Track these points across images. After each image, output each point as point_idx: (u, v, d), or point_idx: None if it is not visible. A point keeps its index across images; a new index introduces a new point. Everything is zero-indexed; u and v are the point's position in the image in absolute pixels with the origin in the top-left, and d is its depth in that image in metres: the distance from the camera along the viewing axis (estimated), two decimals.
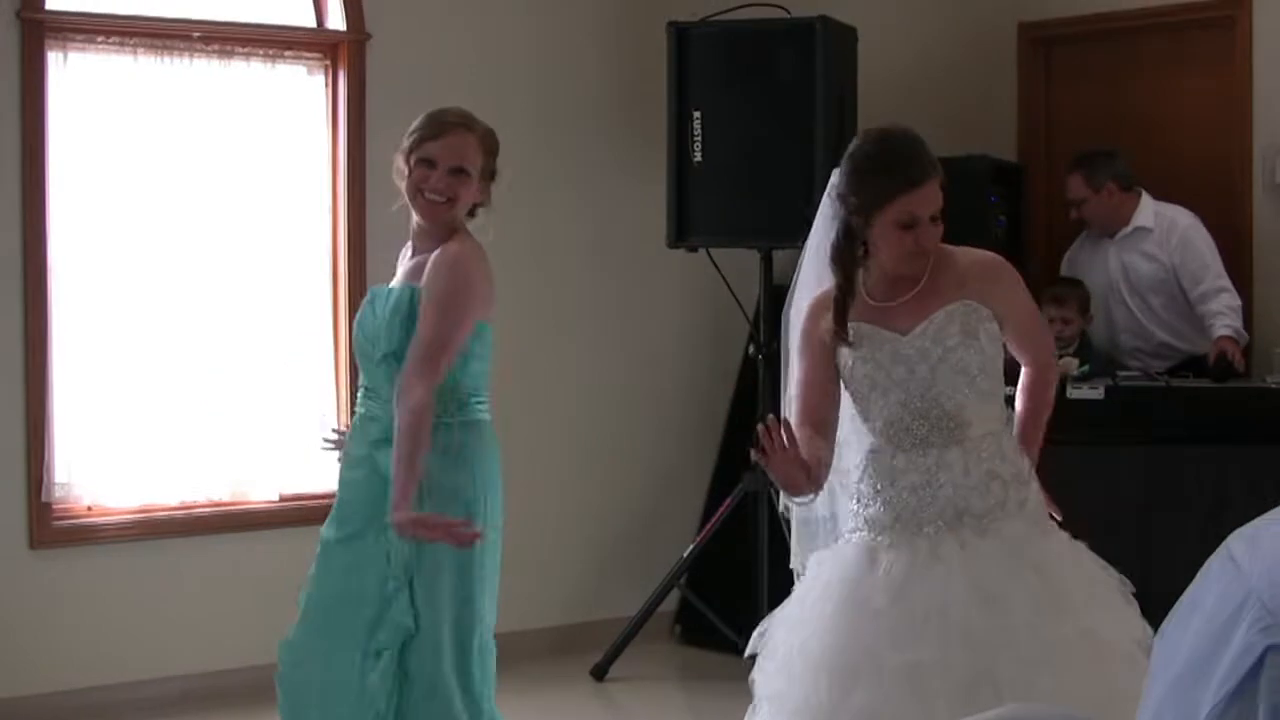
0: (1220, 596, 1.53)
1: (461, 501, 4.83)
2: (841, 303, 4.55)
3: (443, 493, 4.80)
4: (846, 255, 4.57)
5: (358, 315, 5.10)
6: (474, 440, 4.91)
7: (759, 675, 4.61)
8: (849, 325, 4.53)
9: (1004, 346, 4.61)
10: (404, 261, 5.08)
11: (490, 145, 5.01)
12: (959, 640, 4.29)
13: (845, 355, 4.56)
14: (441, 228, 4.93)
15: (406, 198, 4.97)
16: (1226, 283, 7.73)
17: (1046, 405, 4.81)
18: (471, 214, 5.03)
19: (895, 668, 4.31)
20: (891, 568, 4.44)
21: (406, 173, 4.95)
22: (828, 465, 4.54)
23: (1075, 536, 4.59)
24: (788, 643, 4.53)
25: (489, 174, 5.02)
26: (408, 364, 4.74)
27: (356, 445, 5.00)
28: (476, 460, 4.90)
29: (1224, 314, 7.65)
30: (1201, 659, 1.51)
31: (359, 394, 5.07)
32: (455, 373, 4.83)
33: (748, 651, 4.68)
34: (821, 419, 4.57)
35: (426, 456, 4.68)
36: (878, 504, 4.53)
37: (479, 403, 4.94)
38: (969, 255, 4.67)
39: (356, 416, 5.08)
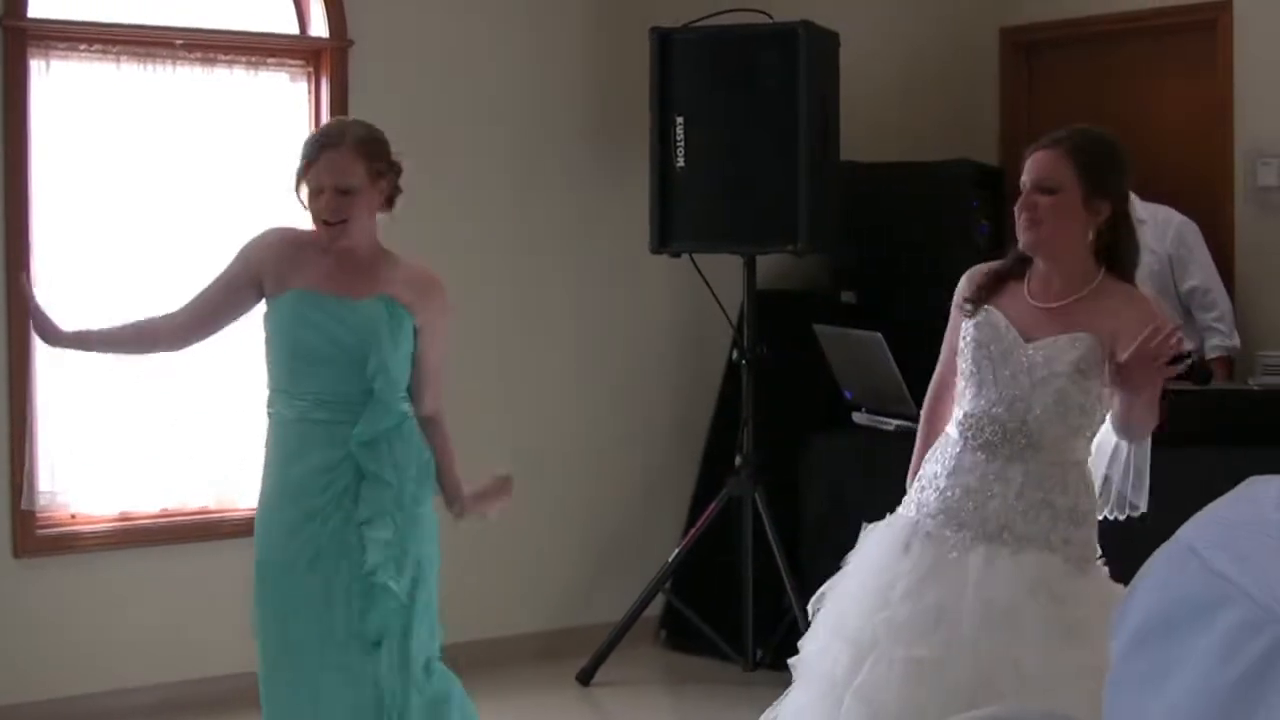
0: (1207, 608, 1.53)
1: (425, 490, 4.99)
2: (1009, 265, 4.60)
3: (423, 466, 4.96)
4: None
5: (296, 319, 5.10)
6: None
7: (804, 641, 4.72)
8: (987, 306, 4.56)
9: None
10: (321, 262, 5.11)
11: (369, 149, 4.94)
12: (962, 649, 4.30)
13: (966, 330, 4.58)
14: (357, 245, 4.96)
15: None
16: (1218, 284, 7.77)
17: (1148, 429, 4.61)
18: (388, 207, 5.02)
19: (897, 658, 4.34)
20: (920, 560, 4.45)
21: (306, 203, 4.95)
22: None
23: None
24: (825, 612, 4.60)
25: (381, 173, 4.96)
26: (435, 389, 5.09)
27: (319, 453, 5.05)
28: (426, 451, 4.99)
29: (1219, 329, 7.71)
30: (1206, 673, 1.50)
31: (305, 400, 5.09)
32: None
33: (811, 606, 4.75)
34: (953, 379, 4.67)
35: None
36: (932, 489, 4.55)
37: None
38: (1129, 297, 4.54)
39: (304, 423, 5.11)
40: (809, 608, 4.76)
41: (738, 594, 7.91)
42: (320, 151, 4.89)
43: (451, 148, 7.91)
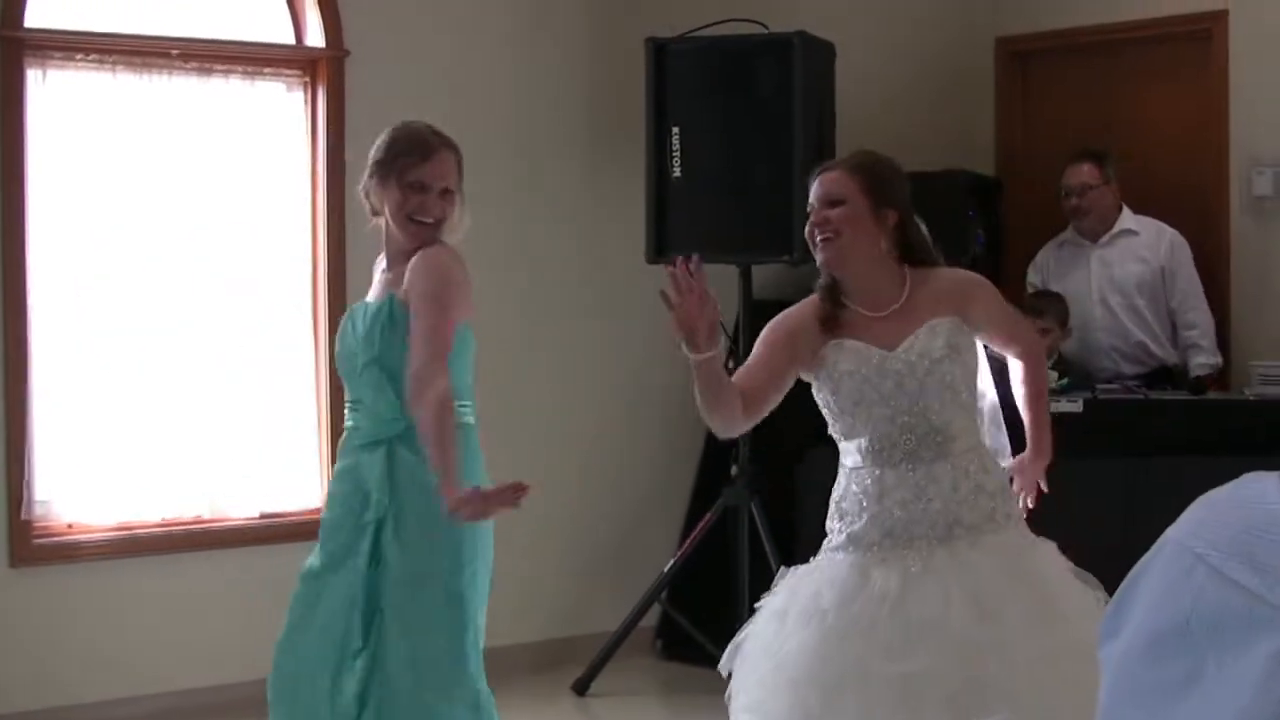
0: (1241, 628, 1.51)
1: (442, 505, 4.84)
2: (829, 291, 4.71)
3: (426, 488, 4.79)
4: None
5: (339, 333, 5.11)
6: (459, 444, 4.91)
7: (735, 688, 4.62)
8: (836, 340, 4.61)
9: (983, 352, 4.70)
10: (379, 274, 5.09)
11: (461, 158, 5.05)
12: (953, 651, 4.31)
13: (830, 370, 4.59)
14: (425, 245, 4.96)
15: (389, 217, 4.97)
16: (1203, 302, 7.81)
17: (1045, 385, 4.94)
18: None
19: (886, 678, 4.33)
20: (887, 583, 4.45)
21: (388, 193, 4.93)
22: (733, 415, 4.65)
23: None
24: (766, 657, 4.54)
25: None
26: (414, 362, 4.74)
27: (343, 457, 5.02)
28: (461, 464, 4.90)
29: (1201, 346, 7.75)
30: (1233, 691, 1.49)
31: (346, 410, 5.07)
32: None
33: (722, 666, 4.69)
34: (753, 393, 4.63)
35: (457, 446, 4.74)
36: (863, 520, 4.55)
37: (463, 405, 4.93)
38: (943, 274, 4.76)
39: (344, 432, 5.09)
40: (724, 662, 4.72)
41: (734, 604, 7.90)
42: (434, 151, 4.96)
43: None
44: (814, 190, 4.71)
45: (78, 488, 7.29)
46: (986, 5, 8.91)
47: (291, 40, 7.82)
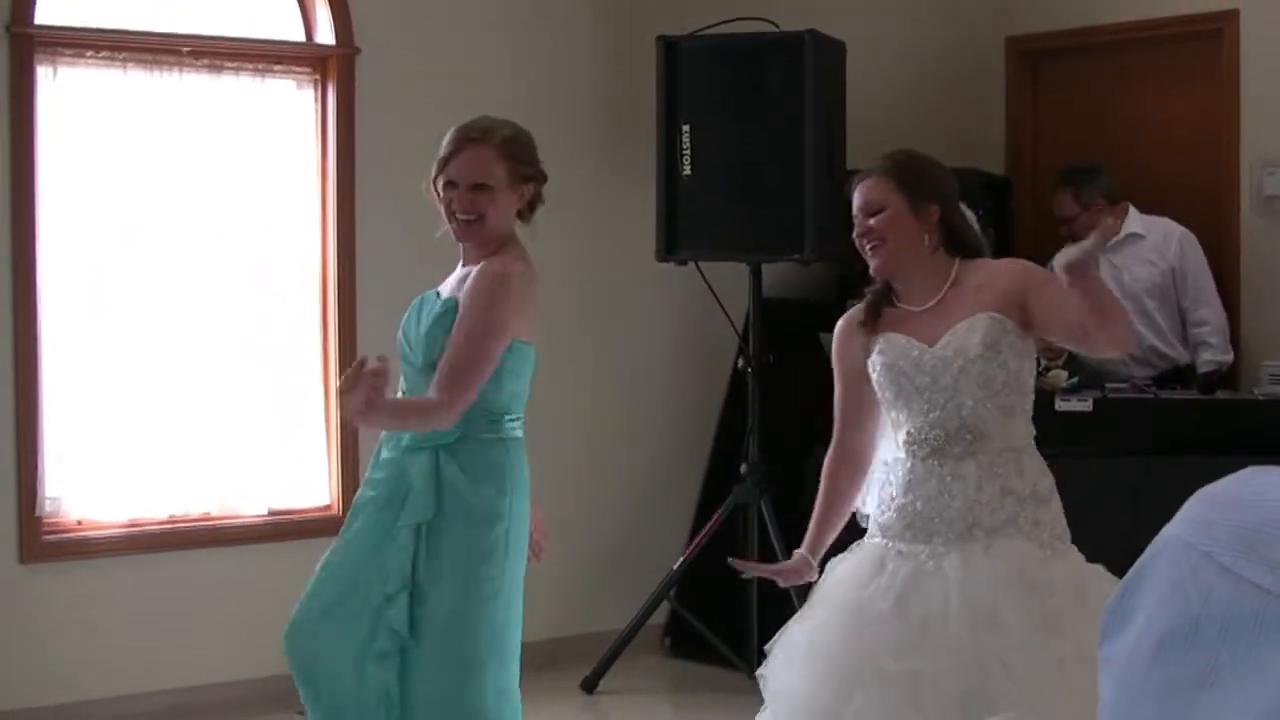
0: (1266, 628, 1.51)
1: (487, 517, 4.82)
2: (874, 297, 4.71)
3: (470, 509, 4.79)
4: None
5: (403, 318, 5.03)
6: (504, 457, 4.88)
7: (769, 672, 4.65)
8: (878, 335, 4.64)
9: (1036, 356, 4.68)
10: (458, 269, 5.02)
11: (513, 150, 4.91)
12: (956, 654, 4.31)
13: (873, 363, 4.64)
14: (486, 243, 4.89)
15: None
16: (1215, 299, 7.79)
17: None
18: (524, 218, 5.01)
19: (895, 675, 4.34)
20: (896, 576, 4.47)
21: (437, 196, 4.92)
22: (856, 486, 4.77)
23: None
24: (797, 644, 4.58)
25: (525, 177, 4.95)
26: (439, 378, 4.67)
27: (387, 448, 4.94)
28: (506, 477, 4.87)
29: (1210, 344, 7.73)
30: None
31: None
32: (489, 388, 4.77)
33: (769, 646, 4.73)
34: (854, 441, 4.78)
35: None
36: (892, 510, 4.58)
37: (512, 420, 4.91)
38: (989, 264, 4.74)
39: None
40: (770, 645, 4.76)
41: (743, 602, 7.90)
42: (462, 147, 4.88)
43: None
44: (854, 200, 4.71)
45: (88, 484, 7.30)
46: (997, 4, 8.89)
47: (302, 38, 7.83)
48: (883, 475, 4.70)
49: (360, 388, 4.36)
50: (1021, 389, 4.60)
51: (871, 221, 4.63)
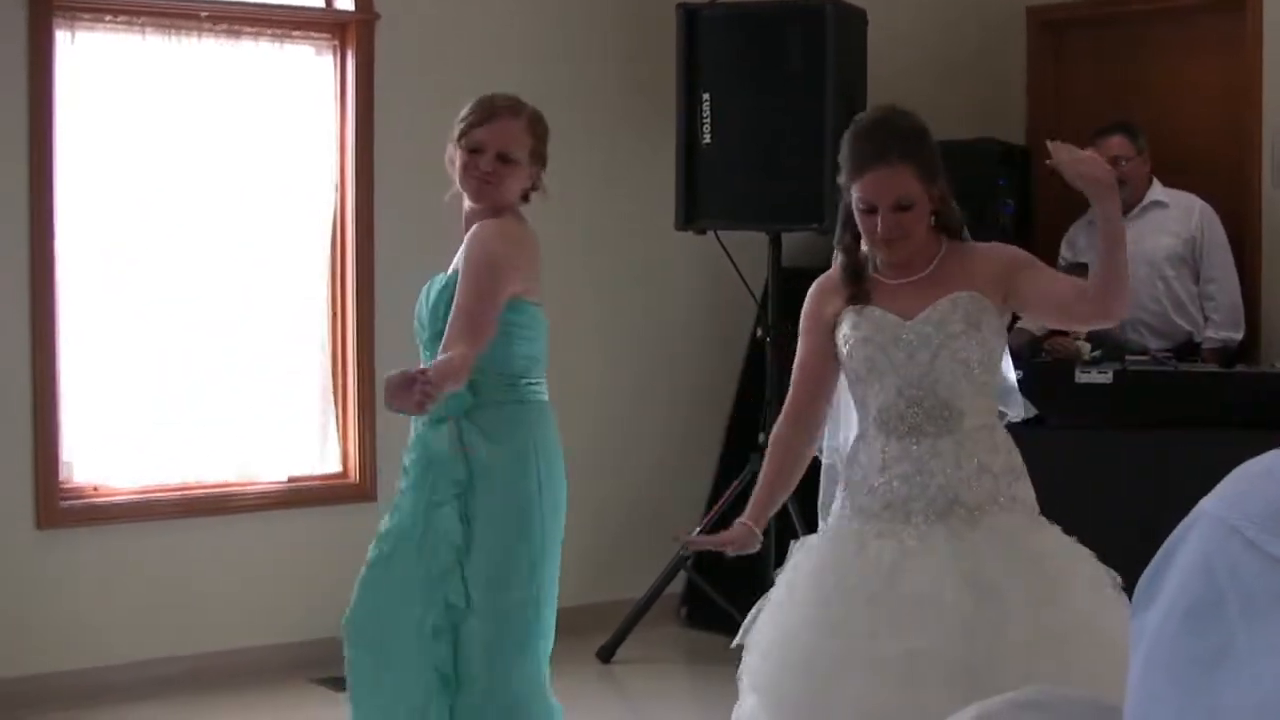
0: (1260, 594, 1.49)
1: (512, 479, 4.84)
2: (850, 270, 4.57)
3: (493, 475, 4.82)
4: (846, 233, 4.60)
5: (417, 301, 5.08)
6: (524, 420, 4.90)
7: (747, 665, 4.59)
8: (851, 306, 4.55)
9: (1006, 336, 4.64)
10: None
11: (538, 130, 5.05)
12: (954, 629, 4.26)
13: (845, 335, 4.56)
14: (492, 208, 4.94)
15: (458, 183, 4.96)
16: (1230, 275, 7.78)
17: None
18: (525, 199, 5.08)
19: (890, 656, 4.28)
20: (881, 556, 4.42)
21: (458, 161, 4.93)
22: (806, 456, 4.67)
23: (1074, 524, 4.57)
24: (777, 631, 4.51)
25: (539, 158, 5.06)
26: (446, 335, 4.70)
27: (414, 425, 4.98)
28: (528, 441, 4.89)
29: (1215, 320, 7.74)
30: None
31: None
32: (499, 351, 4.80)
33: (736, 642, 4.67)
34: (810, 408, 4.66)
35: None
36: (864, 491, 4.52)
37: (530, 384, 4.93)
38: (979, 248, 4.66)
39: None
40: (741, 634, 4.71)
41: (760, 572, 7.89)
42: (495, 115, 4.97)
43: None
44: (871, 187, 4.47)
45: (105, 451, 7.31)
46: None
47: (321, 3, 7.81)
48: (850, 455, 4.64)
49: (412, 391, 4.34)
50: (994, 367, 4.55)
51: (901, 218, 4.46)
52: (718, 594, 8.05)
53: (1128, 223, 7.87)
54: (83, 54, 7.19)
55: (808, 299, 4.71)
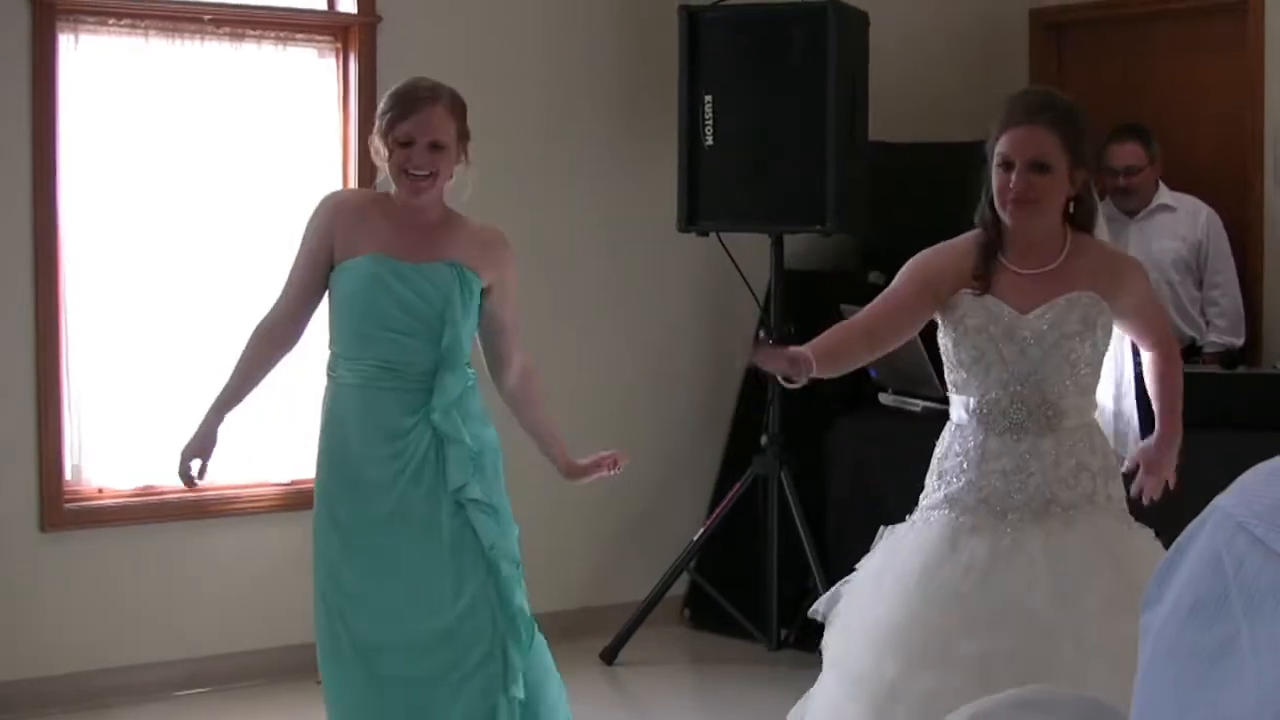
0: (1263, 591, 1.50)
1: (495, 449, 5.16)
2: (985, 247, 4.55)
3: (483, 449, 5.10)
4: (988, 208, 4.60)
5: (394, 286, 5.19)
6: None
7: (828, 641, 4.62)
8: (969, 289, 4.54)
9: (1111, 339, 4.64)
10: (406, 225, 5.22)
11: (459, 109, 5.13)
12: (1034, 632, 4.27)
13: (957, 320, 4.54)
14: (437, 201, 5.11)
15: (390, 177, 5.04)
16: (1232, 281, 7.79)
17: (1181, 380, 4.83)
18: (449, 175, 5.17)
19: (966, 655, 4.28)
20: (975, 555, 4.41)
21: (386, 155, 5.02)
22: (865, 350, 4.64)
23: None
24: (860, 614, 4.53)
25: (464, 135, 5.16)
26: (514, 341, 5.36)
27: (416, 424, 5.18)
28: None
29: (1218, 325, 7.74)
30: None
31: None
32: (468, 341, 5.04)
33: (815, 611, 4.70)
34: (882, 330, 4.62)
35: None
36: (962, 483, 4.50)
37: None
38: (1105, 248, 4.65)
39: None
40: (819, 606, 4.72)
41: (762, 573, 7.91)
42: (417, 106, 5.02)
43: (478, 125, 7.85)
44: (1014, 144, 4.49)
45: (109, 453, 7.31)
46: None
47: (324, 6, 7.81)
48: (943, 444, 4.63)
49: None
50: (1096, 369, 4.56)
51: (1036, 180, 4.45)
52: (720, 596, 8.06)
53: (1134, 225, 7.90)
54: (86, 57, 7.20)
55: (927, 251, 4.71)
